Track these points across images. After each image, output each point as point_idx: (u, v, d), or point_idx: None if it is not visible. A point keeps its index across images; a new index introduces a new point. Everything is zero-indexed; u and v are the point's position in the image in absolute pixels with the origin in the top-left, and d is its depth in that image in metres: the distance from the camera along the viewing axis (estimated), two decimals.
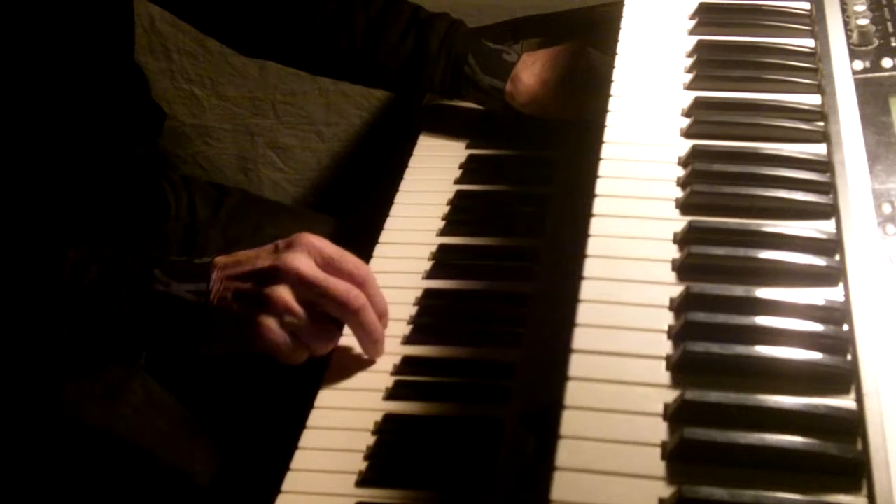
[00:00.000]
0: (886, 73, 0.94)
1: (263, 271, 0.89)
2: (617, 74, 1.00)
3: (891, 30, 0.99)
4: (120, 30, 1.14)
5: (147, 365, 1.19)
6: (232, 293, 0.89)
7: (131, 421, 1.12)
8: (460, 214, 1.14)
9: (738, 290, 0.76)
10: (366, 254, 1.07)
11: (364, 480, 0.85)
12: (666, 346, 0.74)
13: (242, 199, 1.40)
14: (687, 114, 0.95)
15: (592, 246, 0.83)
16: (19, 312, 0.90)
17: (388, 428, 0.90)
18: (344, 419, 0.91)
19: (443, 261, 1.07)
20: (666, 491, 0.65)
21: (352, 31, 1.22)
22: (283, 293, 0.88)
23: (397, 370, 0.95)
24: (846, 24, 1.01)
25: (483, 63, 1.19)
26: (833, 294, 0.76)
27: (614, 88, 0.98)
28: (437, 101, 1.32)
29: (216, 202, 1.37)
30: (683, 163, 0.89)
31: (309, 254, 0.89)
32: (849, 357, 0.71)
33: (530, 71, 1.19)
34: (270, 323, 0.88)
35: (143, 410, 1.13)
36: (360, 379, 0.94)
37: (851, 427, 0.67)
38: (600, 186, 0.88)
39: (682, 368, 0.72)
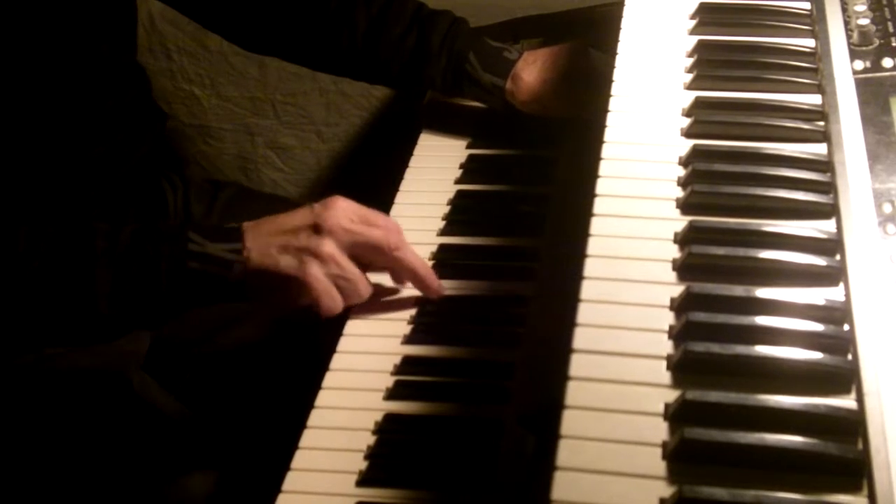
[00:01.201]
0: (887, 73, 0.94)
1: (306, 227, 0.95)
2: (617, 74, 1.00)
3: (891, 30, 0.99)
4: (122, 29, 1.14)
5: (146, 365, 1.20)
6: (276, 248, 0.94)
7: (128, 420, 1.12)
8: (460, 214, 1.14)
9: (739, 290, 0.76)
10: None
11: (364, 480, 0.86)
12: (666, 346, 0.74)
13: (237, 192, 1.41)
14: (687, 113, 0.95)
15: (593, 246, 0.82)
16: (54, 279, 0.91)
17: (388, 428, 0.90)
18: (344, 419, 0.91)
19: (443, 260, 1.07)
20: (666, 491, 0.65)
21: (354, 28, 1.22)
22: (329, 246, 0.94)
23: (397, 370, 0.95)
24: (846, 23, 1.01)
25: (484, 61, 1.20)
26: (833, 294, 0.76)
27: (614, 88, 0.98)
28: (437, 100, 1.32)
29: (211, 196, 1.37)
30: (684, 162, 0.89)
31: (345, 211, 0.96)
32: (849, 357, 0.71)
33: (531, 69, 1.19)
34: (317, 274, 0.93)
35: (142, 410, 1.13)
36: (361, 379, 0.94)
37: (852, 427, 0.67)
38: (601, 186, 0.88)
39: (683, 368, 0.72)
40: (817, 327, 0.73)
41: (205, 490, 1.10)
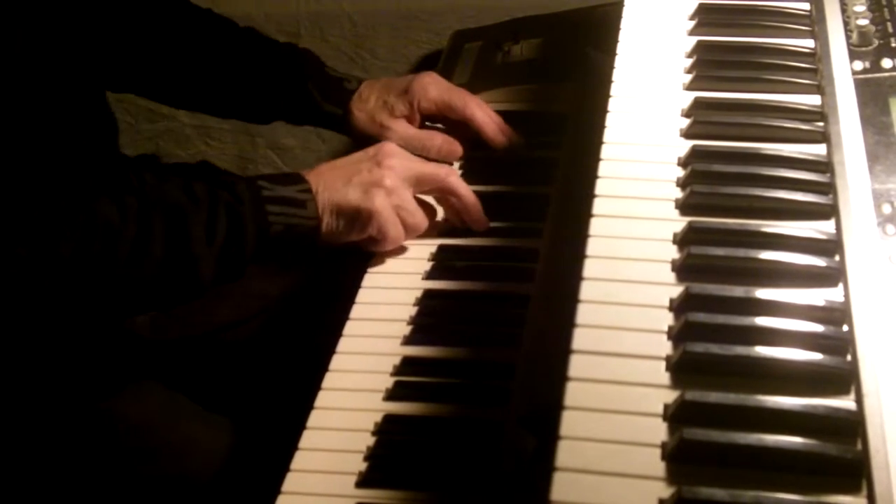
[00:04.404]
0: (886, 74, 0.94)
1: (368, 162, 1.03)
2: (616, 75, 1.00)
3: (891, 30, 0.99)
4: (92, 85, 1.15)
5: (145, 358, 1.20)
6: (342, 182, 1.01)
7: (133, 415, 1.12)
8: None
9: (738, 291, 0.76)
10: (366, 254, 1.07)
11: (364, 481, 0.86)
12: (666, 347, 0.74)
13: None
14: (687, 114, 0.95)
15: (592, 246, 0.83)
16: (152, 242, 0.93)
17: (388, 429, 0.90)
18: (344, 420, 0.91)
19: (443, 261, 1.07)
20: (666, 491, 0.65)
21: (213, 70, 1.24)
22: (391, 178, 1.02)
23: (397, 371, 0.95)
24: (846, 24, 1.01)
25: (323, 91, 1.22)
26: (833, 294, 0.76)
27: (614, 89, 0.98)
28: None
29: None
30: (683, 163, 0.89)
31: (398, 150, 1.05)
32: (848, 357, 0.71)
33: (360, 104, 1.21)
34: (384, 203, 1.01)
35: (146, 404, 1.13)
36: (360, 379, 0.94)
37: (851, 428, 0.67)
38: (600, 187, 0.88)
39: (682, 369, 0.72)
40: (816, 328, 0.73)
41: (205, 491, 1.10)
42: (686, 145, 0.91)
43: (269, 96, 1.24)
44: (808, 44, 1.01)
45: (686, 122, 0.94)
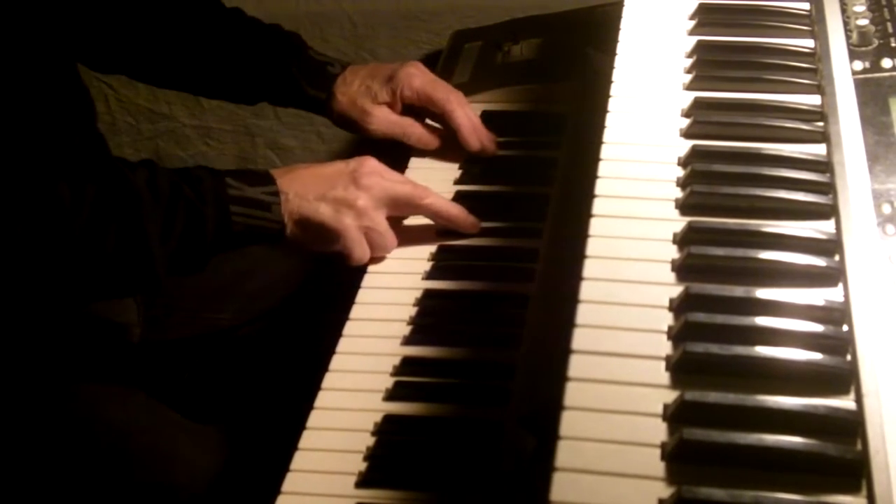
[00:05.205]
0: (886, 74, 0.94)
1: (345, 182, 1.01)
2: (616, 75, 1.00)
3: (890, 30, 0.99)
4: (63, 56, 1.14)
5: (143, 354, 1.20)
6: (314, 195, 1.00)
7: (129, 421, 1.12)
8: None
9: (738, 291, 0.76)
10: None
11: (364, 481, 0.86)
12: (665, 347, 0.74)
13: None
14: (687, 114, 0.95)
15: (592, 246, 0.83)
16: (105, 227, 0.92)
17: (387, 429, 0.90)
18: (344, 420, 0.91)
19: (442, 261, 1.07)
20: (665, 491, 0.65)
21: (203, 55, 1.23)
22: (364, 199, 1.01)
23: (397, 371, 0.95)
24: (846, 24, 1.01)
25: (307, 75, 1.21)
26: (833, 294, 0.76)
27: (614, 89, 0.98)
28: None
29: None
30: (683, 163, 0.89)
31: (377, 167, 1.04)
32: (848, 357, 0.71)
33: (344, 89, 1.20)
34: (352, 224, 1.00)
35: (142, 411, 1.13)
36: (360, 380, 0.94)
37: (851, 428, 0.67)
38: (600, 187, 0.88)
39: (682, 369, 0.72)
40: (816, 328, 0.73)
41: (205, 491, 1.10)
42: (686, 145, 0.91)
43: (252, 77, 1.23)
44: (808, 44, 1.01)
45: (686, 122, 0.93)
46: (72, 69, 1.17)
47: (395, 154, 1.25)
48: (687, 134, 0.93)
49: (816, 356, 0.71)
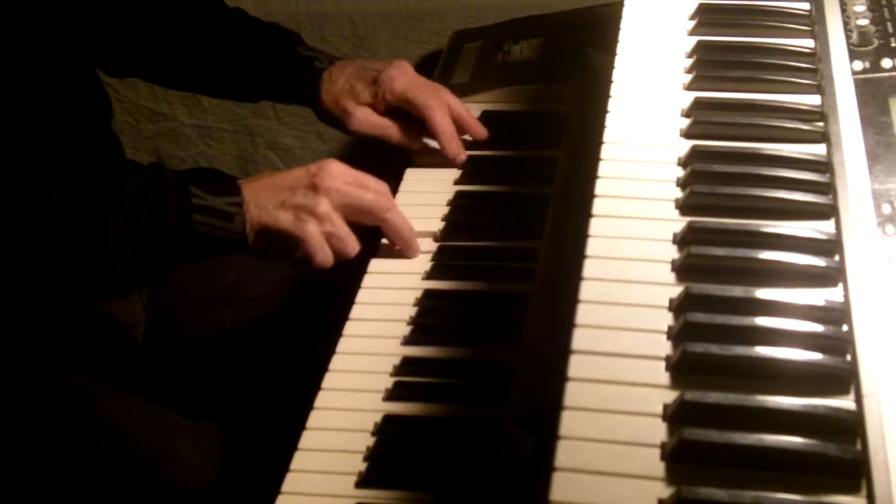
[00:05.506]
0: (886, 74, 0.94)
1: (304, 186, 1.00)
2: (616, 75, 1.00)
3: (890, 30, 0.99)
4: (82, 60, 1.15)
5: (144, 352, 1.20)
6: (274, 204, 0.99)
7: (130, 420, 1.12)
8: (460, 215, 1.14)
9: (738, 291, 0.76)
10: (366, 254, 1.07)
11: (364, 481, 0.86)
12: (665, 347, 0.74)
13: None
14: (686, 114, 0.95)
15: (592, 247, 0.83)
16: (67, 229, 0.93)
17: (387, 429, 0.90)
18: (344, 420, 0.91)
19: (443, 261, 1.07)
20: (665, 491, 0.65)
21: (205, 51, 1.24)
22: (325, 205, 1.00)
23: (397, 371, 0.95)
24: (846, 24, 1.01)
25: (297, 71, 1.21)
26: (833, 294, 0.76)
27: (614, 89, 0.98)
28: None
29: None
30: (683, 163, 0.89)
31: (339, 172, 1.02)
32: (848, 357, 0.71)
33: (328, 87, 1.20)
34: (313, 231, 0.99)
35: (142, 411, 1.13)
36: (360, 380, 0.94)
37: (851, 428, 0.67)
38: (600, 187, 0.88)
39: (682, 369, 0.72)
40: (816, 328, 0.73)
41: (204, 492, 1.10)
42: (686, 145, 0.91)
43: (252, 75, 1.23)
44: (808, 44, 1.01)
45: (686, 122, 0.94)
46: (91, 74, 1.18)
47: (395, 154, 1.25)
48: (687, 134, 0.93)
49: (816, 356, 0.71)
